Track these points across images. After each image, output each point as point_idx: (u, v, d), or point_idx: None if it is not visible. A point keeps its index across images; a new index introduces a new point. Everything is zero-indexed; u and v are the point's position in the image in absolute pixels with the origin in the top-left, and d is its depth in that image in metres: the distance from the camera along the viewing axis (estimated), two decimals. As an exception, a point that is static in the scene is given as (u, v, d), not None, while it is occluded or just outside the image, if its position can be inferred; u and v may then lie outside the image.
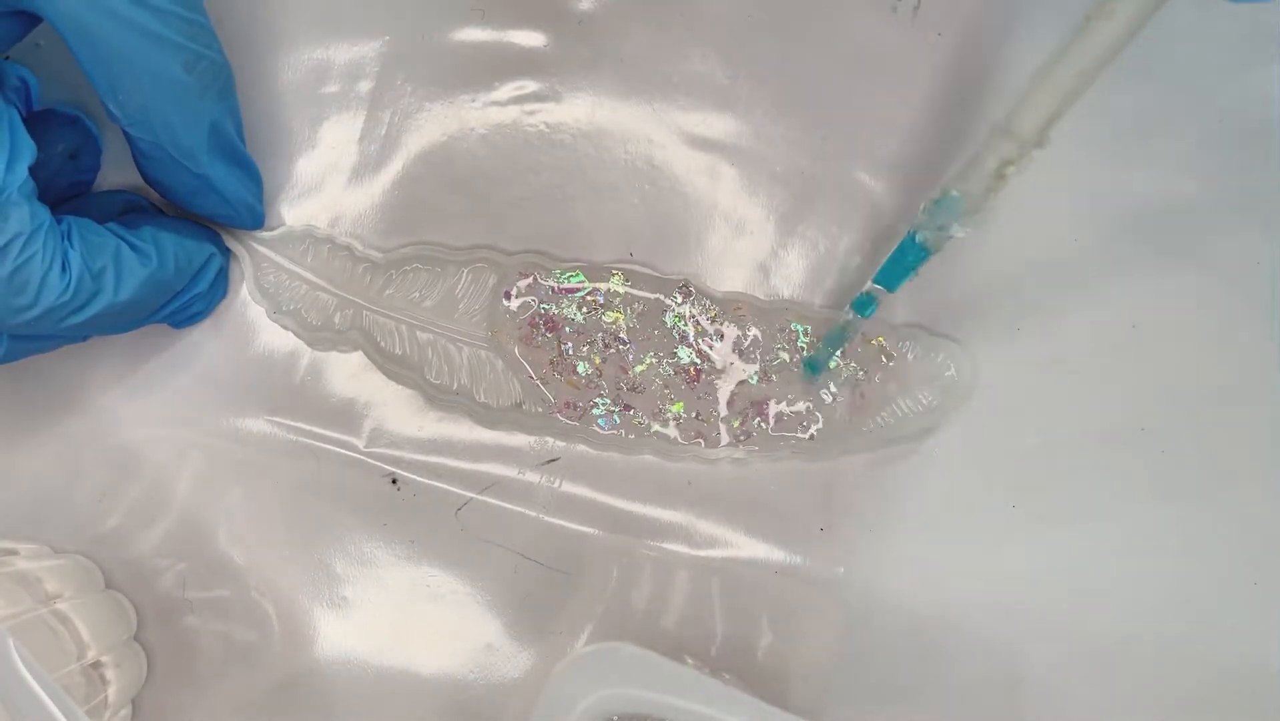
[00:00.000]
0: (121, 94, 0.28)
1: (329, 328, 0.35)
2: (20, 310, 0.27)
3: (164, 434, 0.36)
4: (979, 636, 0.35)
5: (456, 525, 0.35)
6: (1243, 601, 0.35)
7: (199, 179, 0.31)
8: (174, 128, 0.29)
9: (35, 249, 0.27)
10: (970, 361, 0.35)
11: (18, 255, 0.26)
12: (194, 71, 0.29)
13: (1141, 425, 0.35)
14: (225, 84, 0.31)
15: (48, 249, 0.27)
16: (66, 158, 0.33)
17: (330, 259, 0.36)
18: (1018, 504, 0.35)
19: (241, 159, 0.33)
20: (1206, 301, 0.35)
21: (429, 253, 0.35)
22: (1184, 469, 0.35)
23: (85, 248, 0.28)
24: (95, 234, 0.29)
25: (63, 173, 0.33)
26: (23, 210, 0.27)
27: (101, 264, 0.29)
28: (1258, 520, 0.35)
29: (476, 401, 0.35)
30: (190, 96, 0.29)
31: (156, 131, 0.29)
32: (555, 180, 0.36)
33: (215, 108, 0.30)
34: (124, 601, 0.35)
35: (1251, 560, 0.35)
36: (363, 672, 0.35)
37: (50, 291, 0.27)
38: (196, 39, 0.29)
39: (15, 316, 0.27)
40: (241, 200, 0.33)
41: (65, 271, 0.28)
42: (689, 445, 0.35)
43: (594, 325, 0.35)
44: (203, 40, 0.29)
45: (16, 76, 0.32)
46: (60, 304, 0.28)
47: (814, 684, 0.35)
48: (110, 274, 0.29)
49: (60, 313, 0.28)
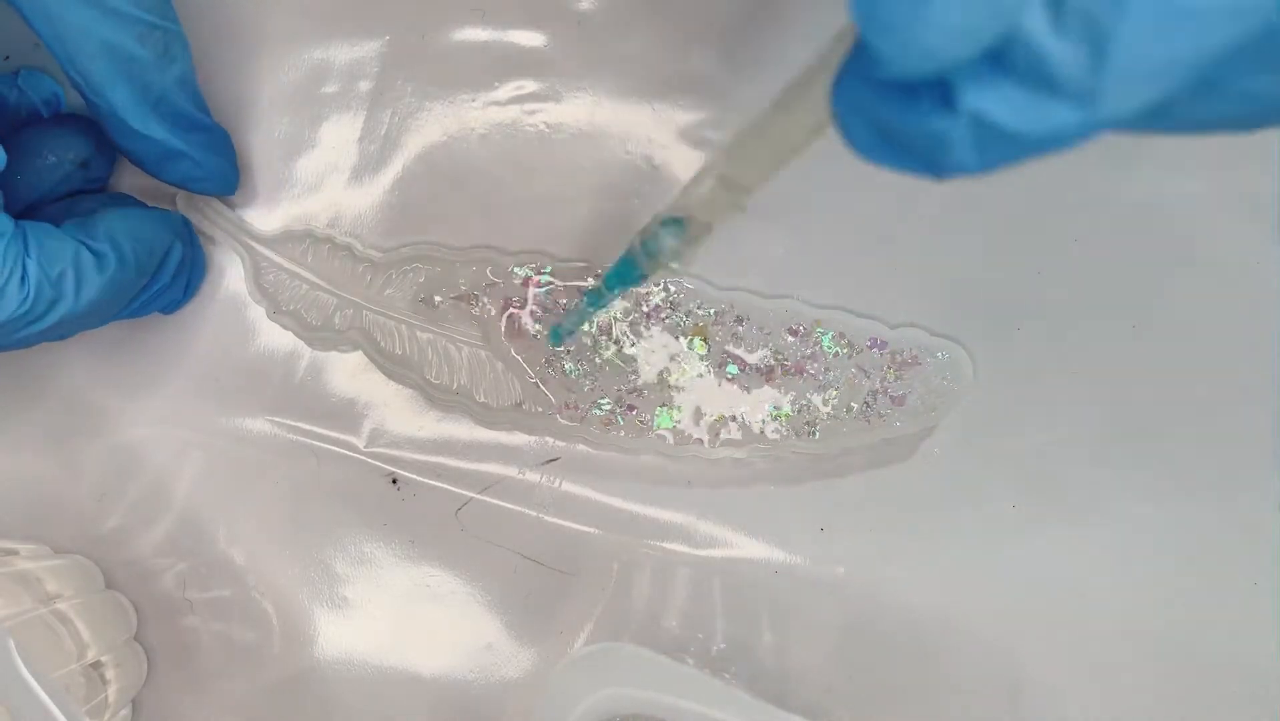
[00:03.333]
0: (79, 65, 0.28)
1: (329, 327, 0.35)
2: None
3: (164, 434, 0.36)
4: (979, 636, 0.35)
5: (456, 525, 0.35)
6: (1242, 601, 0.35)
7: (159, 145, 0.31)
8: (127, 99, 0.29)
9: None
10: (970, 361, 0.35)
11: None
12: (147, 43, 0.29)
13: (1141, 425, 0.35)
14: (178, 53, 0.31)
15: (6, 259, 0.27)
16: (77, 166, 0.33)
17: (330, 259, 0.36)
18: (1018, 504, 0.35)
19: (202, 124, 0.32)
20: (1206, 301, 0.35)
21: (429, 252, 0.35)
22: (1184, 469, 0.35)
23: (42, 255, 0.28)
24: (53, 239, 0.29)
25: (70, 180, 0.33)
26: None
27: (60, 269, 0.28)
28: (1257, 520, 0.35)
29: (476, 401, 0.35)
30: (142, 68, 0.29)
31: (112, 102, 0.29)
32: (555, 180, 0.36)
33: (167, 78, 0.30)
34: (124, 601, 0.35)
35: (1251, 560, 0.35)
36: (363, 672, 0.35)
37: (9, 303, 0.27)
38: (150, 10, 0.29)
39: None
40: (211, 163, 0.33)
41: (24, 282, 0.27)
42: (689, 445, 0.35)
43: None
44: (157, 11, 0.29)
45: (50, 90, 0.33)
46: (19, 315, 0.27)
47: (814, 684, 0.35)
48: (70, 280, 0.29)
49: (17, 325, 0.28)
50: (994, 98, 0.15)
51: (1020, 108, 0.15)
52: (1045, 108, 0.15)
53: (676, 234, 0.26)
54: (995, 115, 0.15)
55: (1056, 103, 0.14)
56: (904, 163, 0.16)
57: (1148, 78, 0.14)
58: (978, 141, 0.15)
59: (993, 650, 0.35)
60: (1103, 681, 0.35)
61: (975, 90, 0.15)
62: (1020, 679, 0.35)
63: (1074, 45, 0.14)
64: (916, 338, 0.35)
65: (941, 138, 0.15)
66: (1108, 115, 0.15)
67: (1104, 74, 0.14)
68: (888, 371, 0.35)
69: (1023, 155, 0.15)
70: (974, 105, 0.15)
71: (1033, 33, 0.14)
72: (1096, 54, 0.14)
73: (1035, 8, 0.14)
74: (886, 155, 0.16)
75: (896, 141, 0.16)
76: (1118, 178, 0.35)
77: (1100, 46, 0.14)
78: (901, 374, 0.35)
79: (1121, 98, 0.14)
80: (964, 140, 0.15)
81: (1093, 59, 0.14)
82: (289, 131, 0.36)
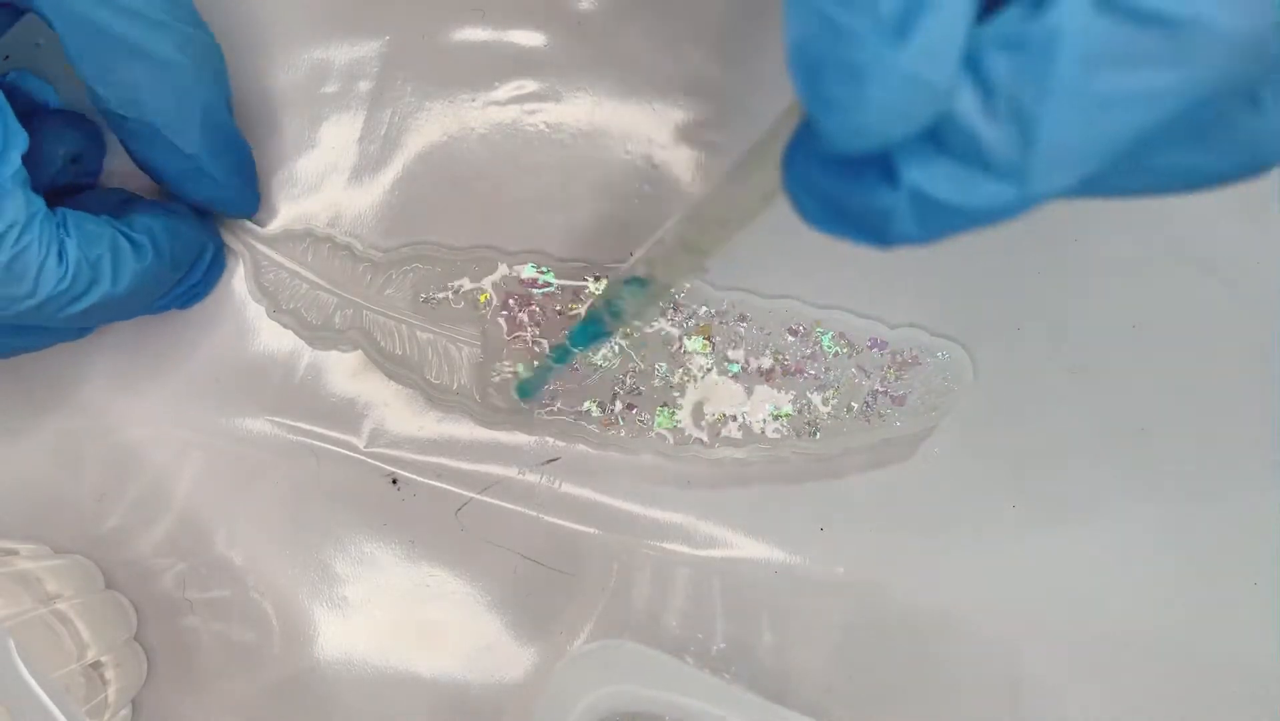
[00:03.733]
0: (113, 77, 0.28)
1: (329, 327, 0.35)
2: (19, 299, 0.27)
3: (164, 434, 0.36)
4: (979, 636, 0.35)
5: (456, 525, 0.35)
6: (1242, 601, 0.35)
7: (190, 160, 0.31)
8: (168, 110, 0.29)
9: (31, 237, 0.27)
10: (970, 361, 0.35)
11: (14, 244, 0.26)
12: (186, 52, 0.29)
13: (1141, 425, 0.35)
14: (217, 64, 0.31)
15: (44, 237, 0.27)
16: (69, 161, 0.33)
17: (330, 258, 0.36)
18: (1018, 504, 0.35)
19: (234, 141, 0.33)
20: (1206, 301, 0.35)
21: (429, 253, 0.35)
22: (1184, 469, 0.35)
23: (81, 237, 0.28)
24: (91, 223, 0.29)
25: (63, 175, 0.33)
26: (17, 198, 0.27)
27: (98, 253, 0.29)
28: (1257, 520, 0.35)
29: (476, 401, 0.35)
30: (184, 77, 0.29)
31: (149, 113, 0.29)
32: (555, 180, 0.36)
33: (209, 89, 0.30)
34: (124, 601, 0.35)
35: (1251, 560, 0.35)
36: (363, 672, 0.35)
37: (48, 280, 0.27)
38: (185, 20, 0.29)
39: (14, 306, 0.27)
40: (234, 184, 0.33)
41: (62, 260, 0.28)
42: (689, 445, 0.35)
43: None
44: (190, 20, 0.30)
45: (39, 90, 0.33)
46: (59, 292, 0.28)
47: (814, 684, 0.35)
48: (107, 263, 0.29)
49: (59, 301, 0.28)
50: (932, 174, 0.15)
51: (957, 184, 0.15)
52: (980, 184, 0.15)
53: (638, 293, 0.27)
54: (934, 190, 0.16)
55: (991, 180, 0.15)
56: (851, 233, 0.17)
57: (1073, 158, 0.15)
58: (919, 215, 0.16)
59: (993, 650, 0.35)
60: (1103, 681, 0.35)
61: (915, 167, 0.15)
62: (1020, 679, 0.35)
63: (1003, 128, 0.15)
64: (916, 338, 0.35)
65: (885, 211, 0.16)
66: (1040, 191, 0.15)
67: (1032, 155, 0.15)
68: (888, 371, 0.35)
69: (963, 227, 0.16)
70: (914, 181, 0.16)
71: (965, 115, 0.15)
72: (1024, 137, 0.15)
73: (967, 92, 0.15)
74: (835, 226, 0.17)
75: (844, 214, 0.17)
76: (1118, 178, 0.35)
77: (1027, 130, 0.15)
78: (901, 374, 0.35)
79: (1051, 176, 0.15)
80: (906, 213, 0.16)
81: (1021, 141, 0.15)
82: (289, 131, 0.36)
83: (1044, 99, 0.14)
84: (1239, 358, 0.35)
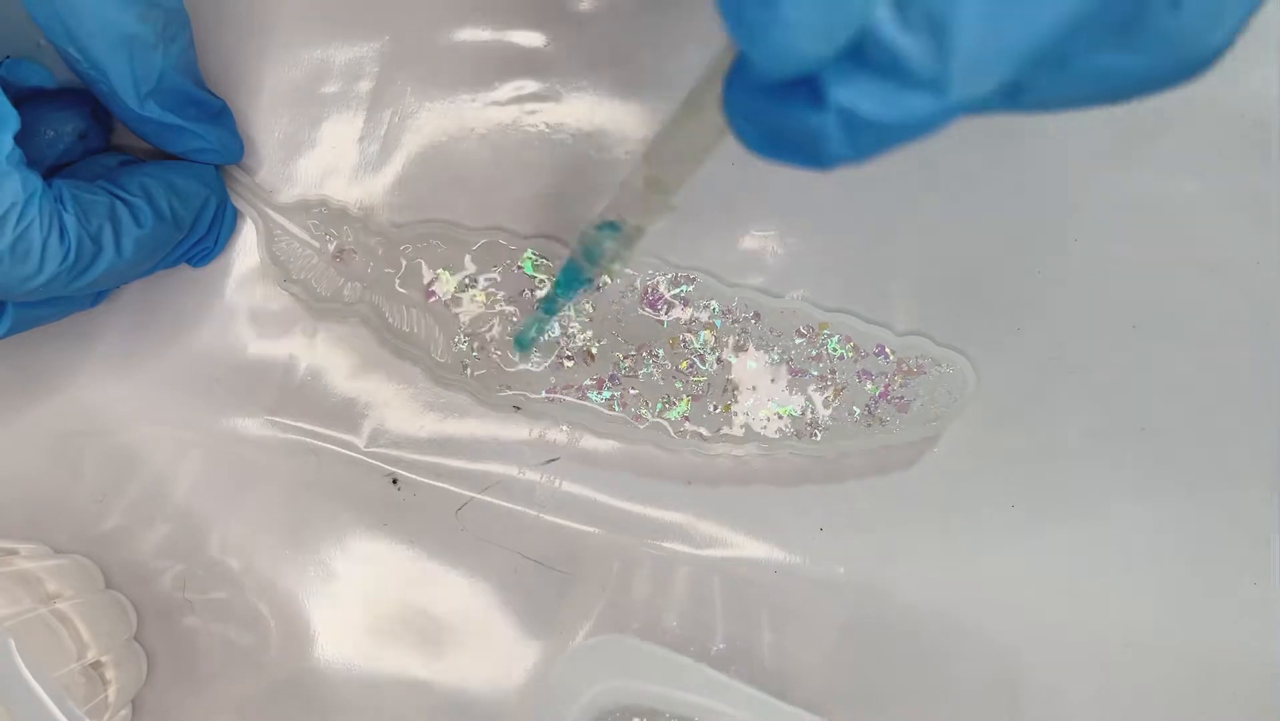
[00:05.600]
0: (78, 44, 0.28)
1: (338, 299, 0.35)
2: (27, 279, 0.28)
3: (164, 434, 0.36)
4: (979, 636, 0.35)
5: (456, 525, 0.35)
6: (1242, 601, 0.35)
7: (157, 123, 0.31)
8: (126, 77, 0.30)
9: (32, 216, 0.27)
10: (974, 373, 0.35)
11: (16, 225, 0.27)
12: (148, 21, 0.29)
13: (1141, 425, 0.35)
14: (178, 30, 0.31)
15: (44, 215, 0.27)
16: (76, 138, 0.33)
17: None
18: (1018, 504, 0.35)
19: (198, 99, 0.33)
20: (1206, 301, 0.35)
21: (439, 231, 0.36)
22: (1184, 469, 0.35)
23: (79, 209, 0.29)
24: (87, 193, 0.29)
25: (70, 152, 0.33)
26: (13, 179, 0.27)
27: (98, 224, 0.29)
28: (1257, 520, 0.35)
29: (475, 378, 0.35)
30: (143, 47, 0.29)
31: (111, 81, 0.29)
32: (555, 180, 0.36)
33: (167, 57, 0.30)
34: (124, 601, 0.35)
35: (1251, 560, 0.35)
36: (363, 672, 0.35)
37: (52, 257, 0.28)
38: None
39: (23, 285, 0.28)
40: (212, 134, 0.33)
41: (64, 237, 0.28)
42: (688, 438, 0.35)
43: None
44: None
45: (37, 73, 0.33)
46: (64, 269, 0.28)
47: (814, 684, 0.35)
48: (109, 233, 0.29)
49: (66, 276, 0.28)
50: (857, 92, 0.16)
51: (881, 99, 0.16)
52: (903, 98, 0.16)
53: (612, 236, 0.28)
54: (860, 108, 0.16)
55: (913, 92, 0.15)
56: (791, 158, 0.17)
57: (991, 61, 0.15)
58: (848, 133, 0.16)
59: (993, 650, 0.35)
60: (1103, 681, 0.35)
61: (841, 86, 0.16)
62: (1020, 679, 0.35)
63: (919, 38, 0.15)
64: (921, 346, 0.35)
65: (816, 132, 0.16)
66: (962, 100, 0.16)
67: (950, 62, 0.15)
68: (892, 378, 0.35)
69: (892, 142, 0.17)
70: (840, 100, 0.16)
71: (882, 29, 0.15)
72: (940, 44, 0.15)
73: (882, 6, 0.15)
74: (775, 151, 0.18)
75: (781, 139, 0.17)
76: (1118, 178, 0.35)
77: (942, 37, 0.15)
78: (906, 382, 0.35)
79: (971, 83, 0.15)
80: (836, 133, 0.16)
81: (937, 49, 0.15)
82: (289, 131, 0.36)
83: (955, 3, 0.15)
84: (1239, 358, 0.35)
